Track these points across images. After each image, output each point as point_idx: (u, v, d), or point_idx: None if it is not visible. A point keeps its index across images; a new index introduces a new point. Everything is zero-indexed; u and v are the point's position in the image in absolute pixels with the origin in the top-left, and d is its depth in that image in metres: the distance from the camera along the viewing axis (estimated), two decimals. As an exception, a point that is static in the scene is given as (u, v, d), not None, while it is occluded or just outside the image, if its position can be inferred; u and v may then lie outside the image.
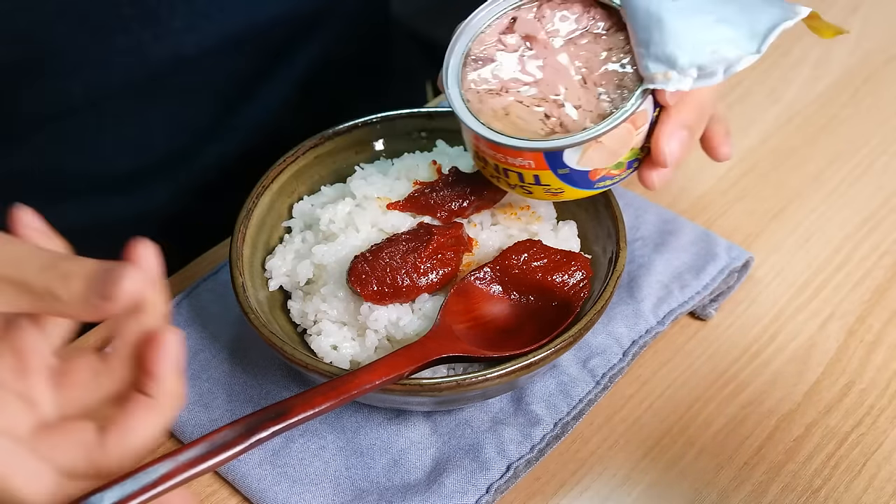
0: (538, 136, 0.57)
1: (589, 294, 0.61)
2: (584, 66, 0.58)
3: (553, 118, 0.58)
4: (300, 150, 0.69)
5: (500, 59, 0.60)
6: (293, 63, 0.85)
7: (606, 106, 0.57)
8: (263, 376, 0.66)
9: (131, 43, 0.70)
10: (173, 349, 0.43)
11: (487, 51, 0.60)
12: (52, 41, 0.67)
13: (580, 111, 0.57)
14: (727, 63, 0.54)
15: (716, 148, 0.67)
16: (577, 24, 0.60)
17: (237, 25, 0.76)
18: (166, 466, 0.44)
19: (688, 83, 0.54)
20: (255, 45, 0.80)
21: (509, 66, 0.60)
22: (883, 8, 0.98)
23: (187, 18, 0.73)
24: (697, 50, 0.54)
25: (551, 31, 0.60)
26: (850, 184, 0.80)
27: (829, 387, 0.65)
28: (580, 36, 0.59)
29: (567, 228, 0.65)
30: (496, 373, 0.55)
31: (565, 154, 0.56)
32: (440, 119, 0.72)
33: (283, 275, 0.65)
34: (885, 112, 0.86)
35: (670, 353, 0.68)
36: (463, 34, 0.61)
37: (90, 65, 0.70)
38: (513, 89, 0.59)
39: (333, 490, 0.60)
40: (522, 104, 0.59)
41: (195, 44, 0.74)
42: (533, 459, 0.60)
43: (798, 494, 0.60)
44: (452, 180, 0.65)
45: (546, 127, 0.57)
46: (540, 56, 0.60)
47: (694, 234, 0.73)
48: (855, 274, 0.73)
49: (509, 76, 0.60)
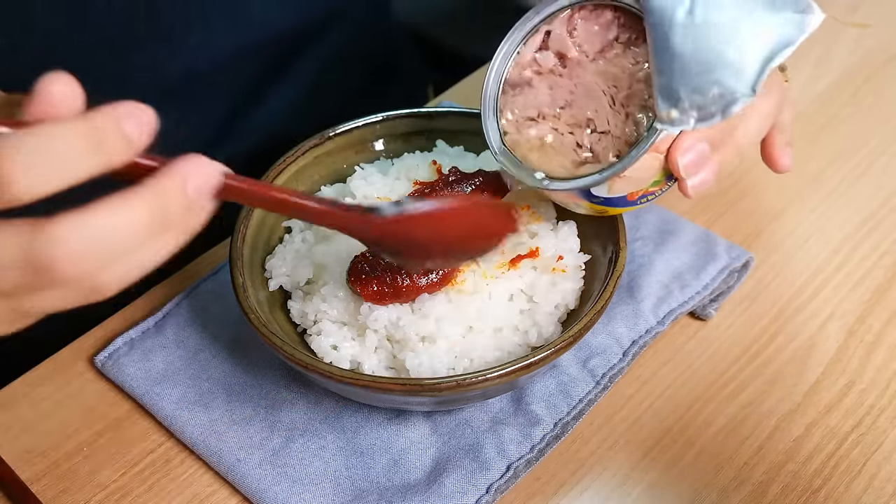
0: (570, 167, 0.57)
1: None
2: (614, 83, 0.57)
3: (584, 147, 0.57)
4: (300, 150, 0.69)
5: (535, 84, 0.60)
6: (300, 68, 0.85)
7: (631, 131, 0.56)
8: (263, 376, 0.66)
9: (147, 61, 0.70)
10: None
11: (524, 74, 0.60)
12: (69, 61, 0.67)
13: (608, 137, 0.57)
14: (724, 104, 0.51)
15: (774, 159, 0.65)
16: (607, 34, 0.58)
17: (249, 40, 0.77)
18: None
19: (690, 124, 0.52)
20: (263, 55, 0.81)
21: (544, 90, 0.59)
22: (883, 7, 0.98)
23: (202, 36, 0.74)
24: (700, 87, 0.51)
25: (582, 47, 0.59)
26: (850, 184, 0.80)
27: (829, 387, 0.65)
28: (609, 47, 0.58)
29: (567, 228, 0.65)
30: (496, 373, 0.55)
31: (592, 189, 0.56)
32: (440, 119, 0.72)
33: (283, 275, 0.65)
34: (886, 111, 0.86)
35: (670, 353, 0.68)
36: (500, 57, 0.60)
37: (107, 81, 0.70)
38: (549, 115, 0.59)
39: (333, 490, 0.60)
40: (557, 131, 0.59)
41: (208, 59, 0.75)
42: (533, 459, 0.60)
43: (798, 494, 0.60)
44: (452, 180, 0.65)
45: (579, 157, 0.57)
46: (573, 76, 0.59)
47: (694, 234, 0.73)
48: (855, 274, 0.73)
49: (545, 101, 0.59)
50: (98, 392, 0.66)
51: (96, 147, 0.39)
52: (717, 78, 0.51)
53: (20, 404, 0.65)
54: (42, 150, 0.38)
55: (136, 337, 0.68)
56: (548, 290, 0.62)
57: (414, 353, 0.60)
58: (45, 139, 0.38)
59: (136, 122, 0.40)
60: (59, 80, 0.40)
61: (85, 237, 0.38)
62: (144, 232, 0.40)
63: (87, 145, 0.39)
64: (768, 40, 0.52)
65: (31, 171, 0.37)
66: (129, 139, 0.40)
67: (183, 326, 0.69)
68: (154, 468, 0.62)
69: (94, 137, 0.39)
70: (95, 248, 0.39)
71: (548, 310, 0.62)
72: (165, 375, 0.65)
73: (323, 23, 0.85)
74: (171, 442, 0.63)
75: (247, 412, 0.64)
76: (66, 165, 0.38)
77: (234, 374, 0.66)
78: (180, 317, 0.69)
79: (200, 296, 0.70)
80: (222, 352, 0.67)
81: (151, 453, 0.63)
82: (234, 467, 0.61)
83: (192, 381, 0.65)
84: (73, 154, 0.38)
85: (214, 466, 0.61)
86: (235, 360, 0.67)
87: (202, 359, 0.67)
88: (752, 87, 0.51)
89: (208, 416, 0.63)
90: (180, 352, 0.67)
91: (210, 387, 0.65)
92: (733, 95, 0.51)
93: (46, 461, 0.62)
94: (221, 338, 0.68)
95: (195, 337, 0.68)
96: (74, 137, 0.38)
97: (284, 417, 0.63)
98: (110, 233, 0.39)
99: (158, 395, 0.64)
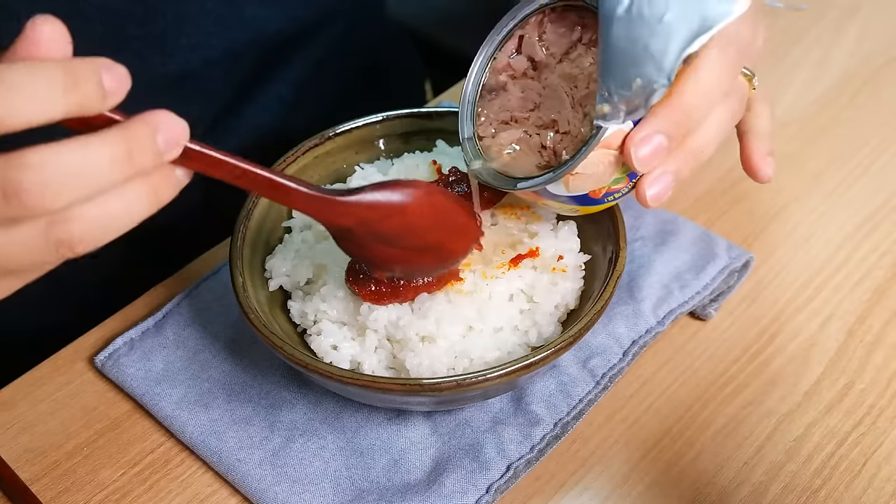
0: (534, 169, 0.58)
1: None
2: (574, 84, 0.58)
3: (548, 148, 0.58)
4: (300, 150, 0.69)
5: (509, 88, 0.61)
6: (293, 66, 0.85)
7: (587, 130, 0.56)
8: (263, 376, 0.66)
9: (139, 60, 0.70)
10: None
11: (500, 79, 0.61)
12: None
13: (568, 137, 0.58)
14: (645, 96, 0.51)
15: (754, 169, 0.64)
16: (571, 35, 0.59)
17: (242, 40, 0.77)
18: None
19: (620, 118, 0.52)
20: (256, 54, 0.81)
21: (516, 93, 0.61)
22: (883, 10, 0.98)
23: (194, 37, 0.73)
24: (626, 80, 0.51)
25: (550, 49, 0.60)
26: (850, 184, 0.80)
27: (829, 387, 0.65)
28: (573, 48, 0.59)
29: (567, 228, 0.65)
30: (496, 373, 0.55)
31: (550, 188, 0.56)
32: (440, 119, 0.72)
33: (283, 275, 0.65)
34: (885, 113, 0.86)
35: (670, 353, 0.68)
36: (479, 63, 0.61)
37: None
38: (520, 118, 0.60)
39: (333, 490, 0.59)
40: (527, 133, 0.59)
41: (201, 58, 0.75)
42: (533, 459, 0.60)
43: (798, 494, 0.60)
44: (452, 180, 0.65)
45: (542, 159, 0.58)
46: (541, 78, 0.60)
47: (694, 234, 0.73)
48: (855, 274, 0.73)
49: (517, 105, 0.60)
50: (98, 392, 0.66)
51: (72, 88, 0.40)
52: (641, 70, 0.51)
53: (20, 404, 0.65)
54: (20, 84, 0.39)
55: (136, 337, 0.68)
56: (548, 290, 0.62)
57: (414, 353, 0.60)
58: (25, 73, 0.39)
59: (114, 75, 0.41)
60: (48, 22, 0.41)
61: (55, 164, 0.39)
62: (113, 169, 0.41)
63: (63, 86, 0.39)
64: (690, 29, 0.51)
65: (6, 101, 0.38)
66: (105, 90, 0.41)
67: (183, 326, 0.69)
68: (154, 468, 0.62)
69: (71, 79, 0.40)
70: (64, 177, 0.39)
71: (548, 310, 0.62)
72: (165, 375, 0.65)
73: (315, 23, 0.85)
74: (171, 442, 0.63)
75: (247, 412, 0.64)
76: (41, 101, 0.39)
77: (234, 374, 0.66)
78: (180, 317, 0.69)
79: (200, 296, 0.70)
80: (222, 352, 0.67)
81: (151, 453, 0.63)
82: (234, 467, 0.60)
83: (192, 381, 0.65)
84: (49, 92, 0.39)
85: (214, 466, 0.61)
86: (235, 360, 0.67)
87: (202, 359, 0.67)
88: (667, 76, 0.51)
89: (208, 416, 0.63)
90: (180, 352, 0.67)
91: (210, 387, 0.65)
92: (652, 86, 0.51)
93: (46, 461, 0.62)
94: (221, 338, 0.68)
95: (195, 337, 0.68)
96: (54, 76, 0.39)
97: (284, 417, 0.63)
98: (79, 164, 0.40)
99: (158, 395, 0.64)
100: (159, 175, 0.44)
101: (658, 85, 0.51)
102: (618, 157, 0.55)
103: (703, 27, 0.51)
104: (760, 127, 0.64)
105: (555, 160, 0.58)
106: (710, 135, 0.57)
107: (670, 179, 0.56)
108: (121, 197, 0.42)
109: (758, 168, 0.64)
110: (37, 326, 0.75)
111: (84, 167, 0.40)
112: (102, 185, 0.41)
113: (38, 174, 0.39)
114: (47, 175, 0.39)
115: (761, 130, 0.64)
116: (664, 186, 0.56)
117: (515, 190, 0.58)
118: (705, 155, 0.57)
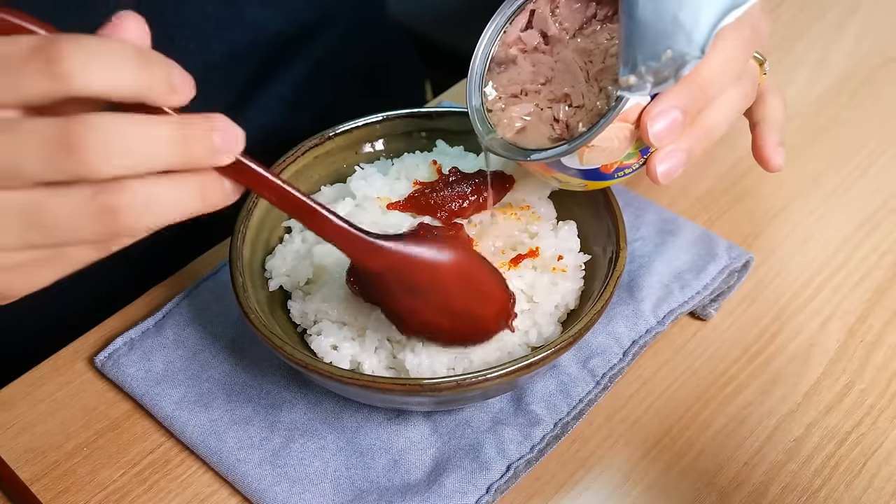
0: (546, 142, 0.58)
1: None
2: (589, 59, 0.58)
3: (561, 121, 0.58)
4: (300, 150, 0.69)
5: (519, 62, 0.61)
6: (294, 66, 0.85)
7: (603, 104, 0.56)
8: (263, 376, 0.66)
9: None
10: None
11: (510, 52, 0.61)
12: None
13: (582, 111, 0.57)
14: (676, 67, 0.51)
15: (766, 159, 0.65)
16: (586, 11, 0.59)
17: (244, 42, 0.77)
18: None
19: (646, 89, 0.52)
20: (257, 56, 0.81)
21: (527, 67, 0.60)
22: (882, 10, 0.98)
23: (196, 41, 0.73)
24: (655, 52, 0.51)
25: (563, 24, 0.60)
26: (849, 184, 0.80)
27: (829, 387, 0.65)
28: (588, 24, 0.59)
29: (567, 228, 0.65)
30: (496, 373, 0.55)
31: (563, 160, 0.56)
32: (440, 119, 0.72)
33: (283, 275, 0.65)
34: (885, 113, 0.86)
35: (670, 353, 0.68)
36: (487, 36, 0.61)
37: None
38: (531, 91, 0.60)
39: (333, 490, 0.59)
40: (538, 107, 0.59)
41: (202, 62, 0.75)
42: (533, 459, 0.60)
43: (798, 494, 0.60)
44: (452, 180, 0.65)
45: (554, 132, 0.58)
46: (553, 53, 0.60)
47: (694, 234, 0.73)
48: (855, 274, 0.73)
49: (527, 78, 0.60)
50: (98, 392, 0.66)
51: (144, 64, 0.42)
52: (671, 42, 0.51)
53: (20, 404, 0.65)
54: (98, 52, 0.40)
55: (136, 337, 0.68)
56: (548, 290, 0.62)
57: (414, 353, 0.60)
58: (102, 42, 0.41)
59: (179, 73, 0.43)
60: (131, 17, 0.43)
61: (116, 129, 0.40)
62: (168, 150, 0.42)
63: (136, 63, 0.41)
64: (720, 3, 0.51)
65: (89, 66, 0.40)
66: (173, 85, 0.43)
67: (183, 326, 0.69)
68: (154, 468, 0.62)
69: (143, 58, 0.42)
70: (123, 144, 0.41)
71: (548, 310, 0.62)
72: (165, 375, 0.65)
73: (316, 24, 0.85)
74: (171, 442, 0.63)
75: (247, 412, 0.64)
76: (119, 69, 0.41)
77: (234, 374, 0.66)
78: (180, 317, 0.69)
79: (200, 296, 0.70)
80: (222, 352, 0.67)
81: (151, 453, 0.63)
82: (234, 467, 0.60)
83: (192, 381, 0.65)
84: (127, 64, 0.41)
85: (214, 466, 0.61)
86: (235, 360, 0.67)
87: (202, 359, 0.67)
88: (701, 48, 0.51)
89: (208, 416, 0.63)
90: (180, 352, 0.67)
91: (210, 387, 0.65)
92: (683, 58, 0.51)
93: (46, 461, 0.62)
94: (221, 338, 0.68)
95: (195, 337, 0.68)
96: (127, 52, 0.41)
97: (284, 417, 0.63)
98: (139, 135, 0.41)
99: (158, 395, 0.64)
100: (210, 178, 0.45)
101: (690, 57, 0.51)
102: (633, 131, 0.55)
103: (737, 2, 0.51)
104: (773, 118, 0.65)
105: (567, 133, 0.57)
106: (723, 114, 0.58)
107: (682, 157, 0.56)
108: (170, 183, 0.43)
109: (769, 158, 0.65)
110: (37, 326, 0.75)
111: (143, 140, 0.41)
112: (155, 164, 0.42)
113: (101, 135, 0.40)
114: (108, 137, 0.40)
115: (774, 121, 0.65)
116: (676, 163, 0.56)
117: (528, 161, 0.58)
118: (716, 134, 0.58)
